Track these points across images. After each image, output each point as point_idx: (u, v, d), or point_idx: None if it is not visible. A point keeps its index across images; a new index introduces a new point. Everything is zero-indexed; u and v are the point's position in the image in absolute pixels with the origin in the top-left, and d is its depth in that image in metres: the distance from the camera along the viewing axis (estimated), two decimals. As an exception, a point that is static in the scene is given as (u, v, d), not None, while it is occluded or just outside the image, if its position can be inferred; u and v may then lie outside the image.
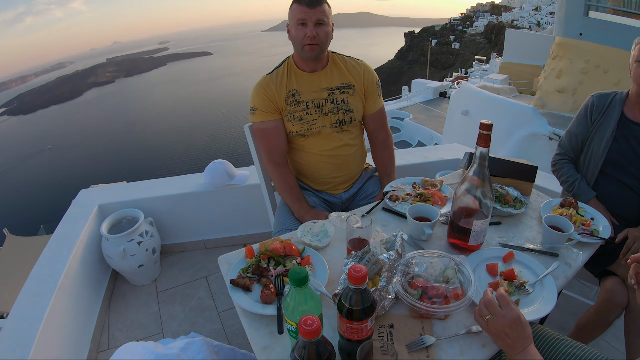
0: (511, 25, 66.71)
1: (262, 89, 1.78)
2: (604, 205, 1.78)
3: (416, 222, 1.31)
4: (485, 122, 1.12)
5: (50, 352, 1.77)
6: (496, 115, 6.11)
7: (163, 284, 2.71)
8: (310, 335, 0.65)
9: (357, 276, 0.74)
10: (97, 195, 2.83)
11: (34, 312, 1.81)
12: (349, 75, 1.83)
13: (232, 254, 1.33)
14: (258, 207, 2.87)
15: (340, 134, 1.84)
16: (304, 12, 1.62)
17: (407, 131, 13.36)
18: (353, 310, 0.77)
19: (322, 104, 1.79)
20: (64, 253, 2.21)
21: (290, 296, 0.80)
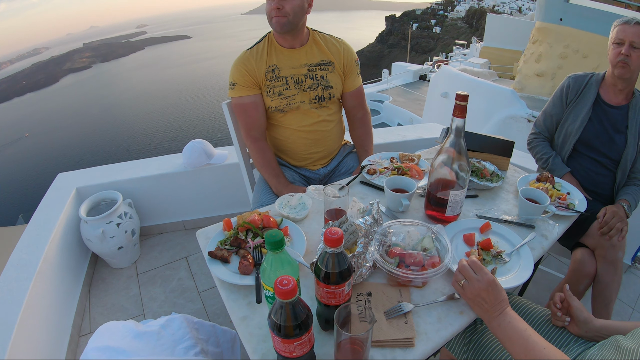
0: (492, 10, 67.07)
1: (241, 63, 1.76)
2: (578, 181, 1.83)
3: (394, 193, 1.32)
4: (461, 92, 1.12)
5: (30, 338, 1.74)
6: (476, 98, 6.16)
7: (143, 266, 2.68)
8: (286, 295, 0.65)
9: (333, 238, 0.74)
10: (74, 179, 2.76)
11: (12, 299, 1.76)
12: (329, 52, 1.83)
13: (210, 228, 1.32)
14: (237, 186, 2.85)
15: (318, 110, 1.84)
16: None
17: (386, 113, 13.37)
18: (330, 274, 0.77)
19: (302, 80, 1.79)
20: (42, 238, 2.15)
21: (267, 261, 0.80)
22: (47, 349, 1.87)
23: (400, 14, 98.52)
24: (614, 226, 1.59)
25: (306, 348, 0.73)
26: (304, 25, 1.78)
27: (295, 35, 1.76)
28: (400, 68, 17.60)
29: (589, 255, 1.68)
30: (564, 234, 1.75)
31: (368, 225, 1.00)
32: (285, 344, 0.70)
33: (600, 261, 1.65)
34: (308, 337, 0.71)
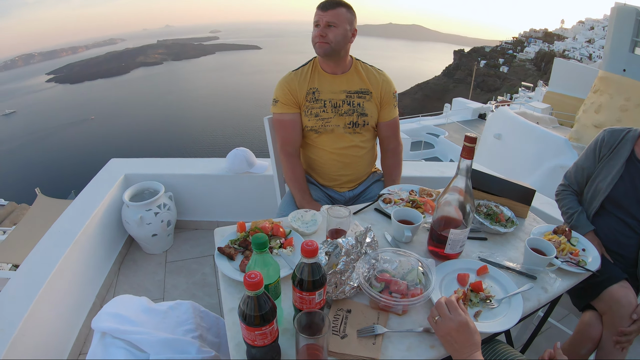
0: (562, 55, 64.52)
1: (285, 83, 1.92)
2: (602, 240, 1.76)
3: (398, 223, 1.38)
4: (470, 134, 1.18)
5: (55, 298, 1.95)
6: (527, 143, 6.03)
7: (173, 256, 2.88)
8: (251, 286, 0.75)
9: (308, 249, 0.83)
10: (125, 165, 3.04)
11: (46, 261, 1.99)
12: (368, 82, 1.94)
13: (227, 228, 1.45)
14: (271, 196, 3.00)
15: (352, 135, 1.94)
16: (318, 15, 1.80)
17: (440, 148, 13.27)
18: (303, 281, 0.87)
19: (339, 105, 1.90)
20: (86, 213, 2.40)
21: (252, 260, 0.90)
22: (68, 311, 2.09)
23: (469, 50, 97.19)
24: None
25: (267, 339, 0.82)
26: (346, 53, 1.90)
27: (337, 62, 1.89)
28: (461, 104, 17.43)
29: (596, 319, 1.61)
30: (576, 293, 1.72)
31: (350, 245, 1.08)
32: (248, 331, 0.80)
33: (607, 328, 1.59)
34: (269, 330, 0.81)
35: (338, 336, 0.95)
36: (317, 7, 1.82)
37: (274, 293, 0.93)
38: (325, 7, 1.78)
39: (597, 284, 1.59)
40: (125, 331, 1.19)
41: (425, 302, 1.10)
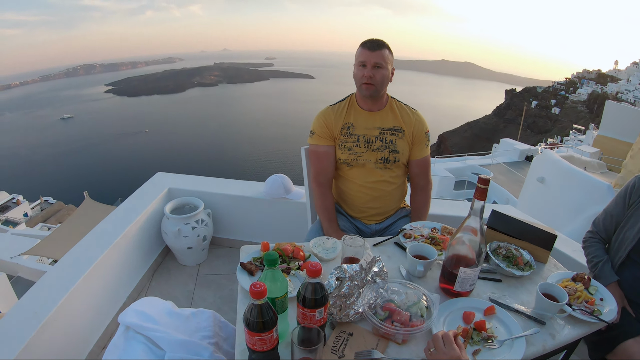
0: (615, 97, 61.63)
1: (323, 117, 2.04)
2: (625, 292, 1.70)
3: (412, 258, 1.44)
4: (483, 176, 1.23)
5: (87, 294, 2.14)
6: (570, 188, 5.82)
7: (205, 270, 3.03)
8: (256, 295, 0.86)
9: (312, 269, 0.93)
10: (169, 180, 3.28)
11: (85, 258, 2.20)
12: (402, 121, 2.03)
13: (252, 247, 1.58)
14: (302, 223, 3.12)
15: (382, 170, 2.02)
16: (364, 55, 1.86)
17: (484, 189, 13.00)
18: (306, 299, 0.96)
19: (372, 140, 1.99)
20: (128, 218, 2.63)
21: (264, 274, 1.01)
22: (99, 306, 2.28)
23: (520, 89, 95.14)
24: None
25: (266, 346, 0.91)
26: (385, 92, 2.01)
27: (375, 100, 1.99)
28: (508, 145, 16.99)
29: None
30: (592, 345, 1.67)
31: (354, 272, 1.16)
32: (249, 335, 0.90)
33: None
34: (269, 337, 0.90)
35: (336, 355, 1.03)
36: (363, 46, 1.88)
37: (280, 307, 1.03)
38: (373, 48, 1.85)
39: (612, 337, 1.56)
40: (147, 328, 1.32)
41: (426, 334, 1.15)
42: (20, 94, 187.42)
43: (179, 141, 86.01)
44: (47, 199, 33.84)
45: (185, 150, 78.95)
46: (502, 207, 3.42)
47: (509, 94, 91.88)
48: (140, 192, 3.07)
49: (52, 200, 33.87)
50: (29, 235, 10.78)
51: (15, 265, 6.65)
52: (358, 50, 1.91)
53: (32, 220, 27.44)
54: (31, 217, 28.73)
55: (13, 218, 27.23)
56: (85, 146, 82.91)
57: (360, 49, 1.89)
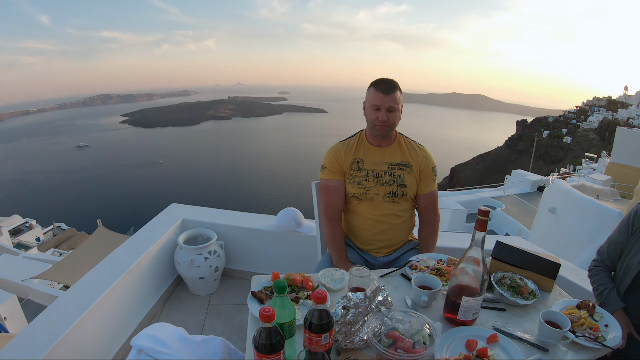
0: (626, 123, 60.93)
1: (333, 152, 2.11)
2: (632, 319, 1.71)
3: (417, 288, 1.49)
4: (482, 208, 1.30)
5: (100, 318, 2.21)
6: (582, 217, 5.79)
7: (216, 300, 3.08)
8: (265, 318, 0.93)
9: (318, 297, 1.00)
10: (184, 211, 3.38)
11: (99, 283, 2.29)
12: (409, 156, 2.09)
13: (262, 277, 1.65)
14: (313, 255, 3.17)
15: (390, 204, 2.08)
16: (379, 99, 1.92)
17: (496, 221, 12.90)
18: (312, 324, 1.02)
19: (381, 175, 2.06)
20: (143, 247, 2.72)
21: (273, 300, 1.08)
22: (111, 331, 2.35)
23: (531, 120, 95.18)
24: None
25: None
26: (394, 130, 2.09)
27: (385, 137, 2.07)
28: (520, 176, 16.97)
29: None
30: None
31: (359, 300, 1.21)
32: (258, 356, 0.97)
33: None
34: (276, 359, 0.96)
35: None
36: (377, 89, 1.93)
37: (288, 332, 1.09)
38: (387, 92, 1.91)
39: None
40: (158, 352, 1.38)
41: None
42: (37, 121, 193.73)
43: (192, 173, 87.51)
44: (60, 225, 34.24)
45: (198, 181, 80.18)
46: (508, 238, 3.43)
47: (520, 124, 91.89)
48: (155, 221, 3.17)
49: (64, 227, 34.28)
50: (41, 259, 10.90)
51: (26, 288, 6.72)
52: (370, 91, 1.96)
53: (44, 245, 27.75)
54: (43, 242, 29.05)
55: (25, 242, 27.60)
56: (99, 175, 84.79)
57: (374, 91, 1.94)
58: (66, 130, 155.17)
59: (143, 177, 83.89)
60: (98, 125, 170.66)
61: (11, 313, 4.48)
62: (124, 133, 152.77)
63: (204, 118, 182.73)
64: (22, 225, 29.61)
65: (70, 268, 7.90)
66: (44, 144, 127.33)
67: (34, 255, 13.54)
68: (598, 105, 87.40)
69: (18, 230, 28.79)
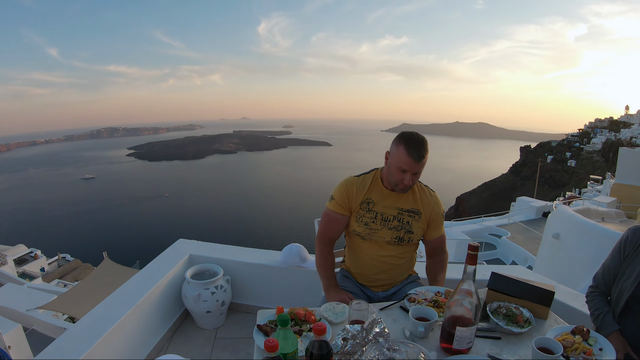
0: (630, 142, 60.96)
1: (346, 187, 2.10)
2: (628, 340, 1.74)
3: (414, 320, 1.57)
4: (472, 244, 1.39)
5: (108, 351, 2.27)
6: (585, 241, 5.81)
7: (222, 333, 3.13)
8: (269, 348, 1.02)
9: (317, 328, 1.09)
10: (191, 246, 3.48)
11: (109, 315, 2.36)
12: (420, 203, 2.10)
13: (268, 311, 1.74)
14: (317, 289, 3.23)
15: (395, 247, 2.11)
16: (409, 165, 1.87)
17: (502, 250, 12.87)
18: (313, 354, 1.11)
19: (390, 219, 2.06)
20: (151, 282, 2.82)
21: (277, 332, 1.17)
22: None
23: (535, 145, 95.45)
24: None
25: None
26: None
27: None
28: (524, 203, 16.97)
29: None
30: None
31: (356, 331, 1.29)
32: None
33: None
34: (281, 386, 1.04)
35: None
36: (408, 153, 1.85)
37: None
38: (419, 159, 1.85)
39: None
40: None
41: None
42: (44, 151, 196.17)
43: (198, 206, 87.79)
44: (65, 256, 34.17)
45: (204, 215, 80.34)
46: (506, 268, 3.49)
47: (523, 150, 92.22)
48: (162, 257, 3.26)
49: (69, 258, 34.21)
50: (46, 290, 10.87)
51: (30, 318, 6.73)
52: (401, 152, 1.88)
53: (48, 275, 27.63)
54: (48, 272, 28.91)
55: (30, 271, 27.50)
56: (105, 207, 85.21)
57: (405, 155, 1.87)
58: (73, 162, 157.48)
59: (148, 210, 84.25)
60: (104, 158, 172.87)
61: (16, 342, 4.50)
62: (130, 166, 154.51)
63: (209, 152, 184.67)
64: (27, 255, 29.64)
65: (76, 299, 7.90)
66: (51, 175, 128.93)
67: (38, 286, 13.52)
68: (600, 126, 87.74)
69: (23, 260, 28.81)
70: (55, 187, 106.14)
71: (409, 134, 1.91)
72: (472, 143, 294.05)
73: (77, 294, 8.27)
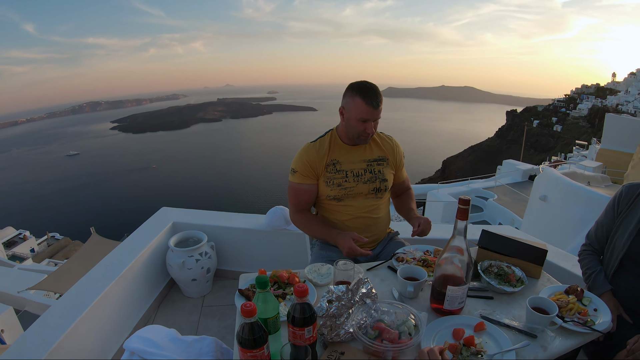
0: (615, 109, 61.63)
1: (305, 155, 2.01)
2: (621, 300, 1.70)
3: (403, 279, 1.50)
4: (463, 197, 1.30)
5: (94, 324, 2.21)
6: (572, 204, 5.84)
7: (209, 301, 3.08)
8: (246, 313, 0.93)
9: (298, 290, 1.00)
10: (174, 214, 3.37)
11: (91, 289, 2.28)
12: (384, 149, 2.10)
13: (250, 274, 1.66)
14: (303, 252, 3.18)
15: (374, 199, 2.07)
16: (369, 113, 1.84)
17: (489, 211, 13.03)
18: (295, 318, 1.03)
19: (361, 174, 2.03)
20: (134, 252, 2.72)
21: (256, 296, 1.08)
22: (106, 336, 2.34)
23: (521, 110, 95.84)
24: None
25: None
26: None
27: None
28: (511, 166, 17.11)
29: None
30: (592, 355, 1.67)
31: (341, 292, 1.22)
32: (241, 352, 0.97)
33: None
34: (260, 354, 0.97)
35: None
36: (365, 102, 1.83)
37: (273, 327, 1.09)
38: (376, 105, 1.84)
39: (610, 346, 1.56)
40: (150, 353, 1.39)
41: (416, 351, 1.20)
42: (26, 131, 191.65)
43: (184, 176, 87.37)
44: (54, 235, 34.03)
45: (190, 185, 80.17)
46: (497, 227, 3.46)
47: (510, 115, 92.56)
48: (145, 226, 3.16)
49: (58, 236, 34.10)
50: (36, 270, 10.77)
51: (22, 299, 6.67)
52: (357, 102, 1.85)
53: (38, 255, 27.52)
54: (38, 253, 28.83)
55: (20, 253, 27.33)
56: (92, 182, 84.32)
57: (363, 104, 1.84)
58: (56, 139, 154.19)
59: (135, 182, 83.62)
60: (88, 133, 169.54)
61: (8, 325, 4.44)
62: (115, 139, 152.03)
63: (193, 121, 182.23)
64: (16, 237, 29.41)
65: (65, 277, 7.80)
66: (34, 154, 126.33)
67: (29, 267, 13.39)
68: (587, 92, 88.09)
69: (12, 242, 28.61)
70: (40, 166, 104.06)
71: (359, 84, 1.88)
72: (458, 107, 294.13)
73: (67, 272, 8.17)
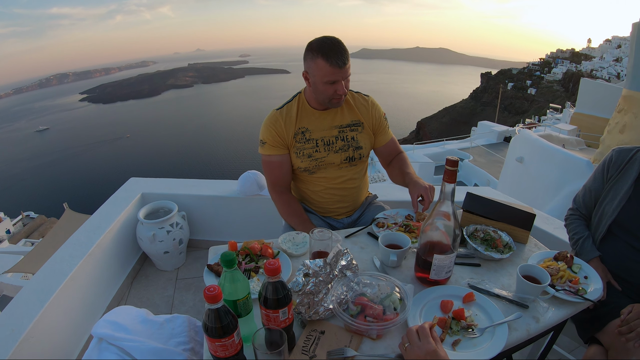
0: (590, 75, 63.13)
1: (271, 124, 1.82)
2: (609, 267, 1.65)
3: (384, 247, 1.39)
4: (451, 158, 1.17)
5: (65, 307, 2.05)
6: (549, 166, 5.88)
7: (183, 273, 2.95)
8: (210, 299, 0.81)
9: (269, 268, 0.87)
10: (142, 184, 3.18)
11: (60, 270, 2.11)
12: (358, 112, 1.88)
13: (220, 247, 1.52)
14: (278, 219, 3.06)
15: (348, 168, 1.90)
16: (334, 73, 1.63)
17: (464, 172, 13.15)
18: (267, 299, 0.90)
19: (332, 142, 1.84)
20: (102, 227, 2.53)
21: (222, 276, 0.94)
22: (78, 318, 2.19)
23: (496, 72, 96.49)
24: (635, 328, 1.37)
25: (228, 351, 0.86)
26: None
27: None
28: (486, 127, 17.22)
29: (601, 354, 1.49)
30: (580, 325, 1.63)
31: (318, 267, 1.10)
32: (210, 342, 0.85)
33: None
34: (230, 342, 0.85)
35: (307, 356, 0.97)
36: (330, 63, 1.61)
37: (244, 309, 0.97)
38: (342, 64, 1.63)
39: (601, 315, 1.51)
40: (119, 338, 1.27)
41: (402, 327, 1.10)
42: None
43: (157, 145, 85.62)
44: (29, 214, 33.02)
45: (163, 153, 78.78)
46: (479, 189, 3.42)
47: (484, 77, 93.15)
48: (113, 199, 2.96)
49: (33, 215, 33.11)
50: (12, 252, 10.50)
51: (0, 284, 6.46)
52: (320, 64, 1.63)
53: (15, 237, 26.68)
54: (14, 234, 27.89)
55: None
56: (63, 157, 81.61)
57: (327, 66, 1.62)
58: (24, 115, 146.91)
59: (108, 154, 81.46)
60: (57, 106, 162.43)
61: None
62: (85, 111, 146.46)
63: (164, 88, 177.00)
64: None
65: (41, 257, 7.63)
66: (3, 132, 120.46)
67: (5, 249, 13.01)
68: (562, 57, 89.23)
69: (-14, 226, 27.51)
70: (9, 145, 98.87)
71: (319, 43, 1.64)
72: (432, 68, 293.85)
73: (42, 251, 7.99)
